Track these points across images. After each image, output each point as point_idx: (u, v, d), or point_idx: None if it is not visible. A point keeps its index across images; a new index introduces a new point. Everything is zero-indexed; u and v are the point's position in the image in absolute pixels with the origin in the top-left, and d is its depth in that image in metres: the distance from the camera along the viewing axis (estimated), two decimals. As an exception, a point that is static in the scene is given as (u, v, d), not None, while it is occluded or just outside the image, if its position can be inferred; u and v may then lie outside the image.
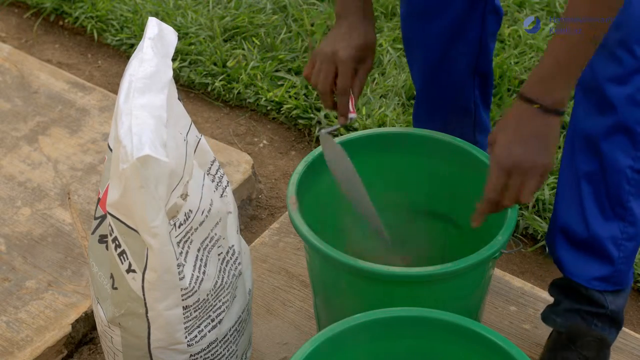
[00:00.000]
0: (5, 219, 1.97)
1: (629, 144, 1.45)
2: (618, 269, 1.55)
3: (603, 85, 1.43)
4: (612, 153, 1.47)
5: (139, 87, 1.31)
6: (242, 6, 2.71)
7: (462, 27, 1.70)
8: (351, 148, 1.60)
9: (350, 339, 1.27)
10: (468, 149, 1.58)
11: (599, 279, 1.56)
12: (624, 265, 1.55)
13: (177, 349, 1.43)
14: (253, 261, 1.86)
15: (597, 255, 1.54)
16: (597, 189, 1.50)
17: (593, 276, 1.56)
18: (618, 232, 1.52)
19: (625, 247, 1.53)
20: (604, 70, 1.43)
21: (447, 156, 1.60)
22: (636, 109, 1.42)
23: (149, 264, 1.33)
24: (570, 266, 1.57)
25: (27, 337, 1.71)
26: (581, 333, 1.59)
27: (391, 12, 2.71)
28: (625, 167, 1.47)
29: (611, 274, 1.55)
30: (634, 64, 1.40)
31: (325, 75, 1.51)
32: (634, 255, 1.56)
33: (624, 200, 1.49)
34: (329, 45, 1.52)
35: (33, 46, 2.73)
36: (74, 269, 1.85)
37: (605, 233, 1.52)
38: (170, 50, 1.38)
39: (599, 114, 1.46)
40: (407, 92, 2.41)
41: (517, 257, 2.04)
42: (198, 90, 2.54)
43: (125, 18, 2.70)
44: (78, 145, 2.18)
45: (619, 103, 1.42)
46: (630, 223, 1.51)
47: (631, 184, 1.48)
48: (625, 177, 1.48)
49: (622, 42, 1.39)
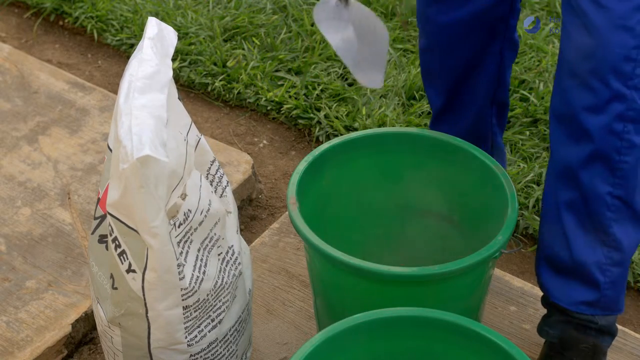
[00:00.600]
0: (5, 219, 1.97)
1: (607, 172, 1.45)
2: (605, 294, 1.53)
3: (578, 114, 1.43)
4: (591, 181, 1.46)
5: (139, 87, 1.31)
6: (242, 6, 2.71)
7: (481, 61, 1.72)
8: (351, 148, 1.60)
9: (350, 339, 1.27)
10: (468, 149, 1.58)
11: (585, 304, 1.55)
12: (611, 290, 1.53)
13: (177, 349, 1.43)
14: (253, 261, 1.86)
15: (583, 280, 1.53)
16: (579, 216, 1.50)
17: (579, 300, 1.55)
18: (602, 258, 1.51)
19: (611, 273, 1.52)
20: (578, 100, 1.42)
21: (447, 156, 1.61)
22: (612, 137, 1.42)
23: (149, 264, 1.33)
24: (556, 292, 1.57)
25: (27, 337, 1.71)
26: (574, 341, 1.59)
27: (391, 12, 2.71)
28: (604, 194, 1.46)
29: (597, 299, 1.54)
30: (609, 93, 1.39)
31: None
32: (622, 281, 1.54)
33: (606, 226, 1.48)
34: None
35: (33, 46, 2.73)
36: (74, 269, 1.85)
37: (589, 259, 1.51)
38: (170, 50, 1.38)
39: (575, 143, 1.45)
40: (407, 92, 2.42)
41: (517, 257, 2.04)
42: (198, 90, 2.54)
43: (125, 18, 2.70)
44: (78, 145, 2.18)
45: (596, 132, 1.42)
46: (614, 248, 1.50)
47: (612, 209, 1.47)
48: (605, 203, 1.47)
49: (594, 71, 1.39)
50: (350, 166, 1.62)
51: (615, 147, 1.43)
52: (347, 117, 2.34)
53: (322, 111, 2.35)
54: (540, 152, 2.22)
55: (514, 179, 2.12)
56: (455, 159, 1.60)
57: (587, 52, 1.38)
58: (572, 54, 1.42)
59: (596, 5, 1.37)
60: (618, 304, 1.56)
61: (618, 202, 1.47)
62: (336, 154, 1.60)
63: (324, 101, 2.38)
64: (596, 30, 1.37)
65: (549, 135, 1.53)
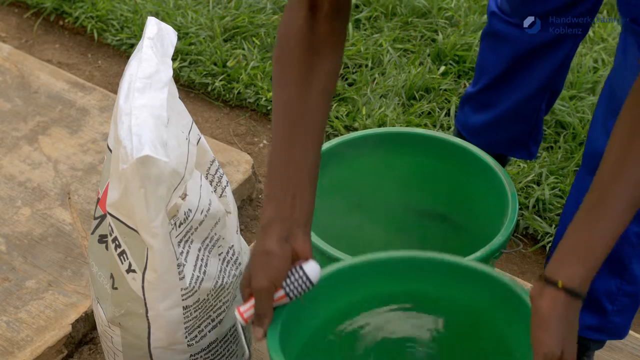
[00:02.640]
0: (6, 219, 1.97)
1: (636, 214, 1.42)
2: (612, 320, 1.52)
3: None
4: None
5: (139, 86, 1.31)
6: (242, 6, 2.71)
7: (552, 49, 1.70)
8: (350, 148, 1.59)
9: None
10: (469, 149, 1.58)
11: (590, 328, 1.54)
12: (618, 317, 1.52)
13: (177, 349, 1.43)
14: (253, 261, 1.86)
15: (590, 305, 1.51)
16: None
17: (584, 324, 1.52)
18: (614, 288, 1.49)
19: (620, 302, 1.50)
20: (600, 143, 1.38)
21: (447, 156, 1.60)
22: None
23: (149, 264, 1.33)
24: None
25: (27, 337, 1.71)
26: None
27: (391, 12, 2.71)
28: (631, 234, 1.43)
29: (603, 324, 1.53)
30: None
31: None
32: (631, 310, 1.52)
33: (626, 262, 1.46)
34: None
35: (33, 46, 2.73)
36: (74, 269, 1.85)
37: (600, 287, 1.49)
38: (169, 49, 1.38)
39: None
40: (407, 92, 2.42)
41: (517, 257, 2.04)
42: (198, 90, 2.54)
43: (126, 18, 2.70)
44: (78, 145, 2.18)
45: None
46: (628, 282, 1.48)
47: (635, 247, 1.45)
48: (629, 242, 1.44)
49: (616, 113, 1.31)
50: (350, 166, 1.62)
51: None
52: (347, 117, 2.34)
53: (322, 111, 2.35)
54: (540, 152, 2.22)
55: (514, 179, 2.12)
56: (455, 159, 1.60)
57: (609, 91, 1.30)
58: (625, 90, 1.25)
59: None
60: (625, 329, 1.55)
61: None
62: (336, 153, 1.60)
63: (324, 101, 2.37)
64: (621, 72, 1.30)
65: (578, 172, 1.48)
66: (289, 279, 1.20)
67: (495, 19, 1.75)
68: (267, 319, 1.18)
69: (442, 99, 2.41)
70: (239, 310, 1.21)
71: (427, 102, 2.39)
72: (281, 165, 1.19)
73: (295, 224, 1.18)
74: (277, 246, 1.16)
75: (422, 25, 2.67)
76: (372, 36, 2.62)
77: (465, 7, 2.70)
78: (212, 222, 1.41)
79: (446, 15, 2.68)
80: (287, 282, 1.20)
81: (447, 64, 2.52)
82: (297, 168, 1.19)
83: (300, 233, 1.18)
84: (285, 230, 1.17)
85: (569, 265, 1.09)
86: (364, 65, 2.53)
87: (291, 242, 1.17)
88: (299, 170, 1.19)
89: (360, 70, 2.50)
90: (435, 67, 2.51)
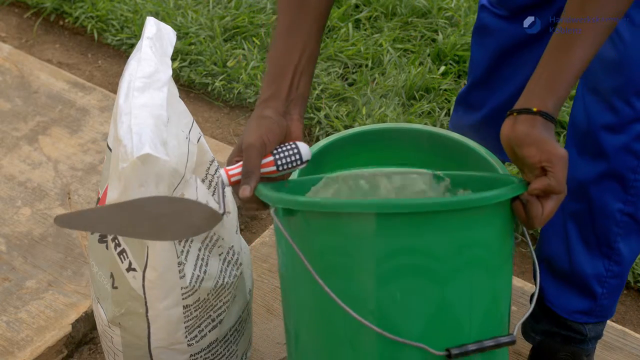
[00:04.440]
0: (6, 219, 1.97)
1: (620, 189, 1.43)
2: (600, 304, 1.53)
3: (597, 132, 1.40)
4: (601, 198, 1.44)
5: (138, 86, 1.31)
6: (242, 6, 2.71)
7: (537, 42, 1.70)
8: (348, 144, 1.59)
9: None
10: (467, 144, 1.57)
11: (580, 312, 1.55)
12: (607, 300, 1.53)
13: (177, 348, 1.43)
14: (253, 261, 1.86)
15: (580, 289, 1.53)
16: (583, 228, 1.48)
17: (574, 309, 1.54)
18: (603, 270, 1.50)
19: (609, 284, 1.51)
20: (598, 117, 1.40)
21: (447, 152, 1.60)
22: (629, 156, 1.40)
23: (150, 262, 1.33)
24: (552, 297, 1.56)
25: (27, 337, 1.71)
26: (554, 350, 1.59)
27: (391, 12, 2.71)
28: (614, 211, 1.45)
29: (593, 308, 1.54)
30: (631, 114, 1.36)
31: None
32: (618, 291, 1.53)
33: (612, 241, 1.47)
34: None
35: (33, 46, 2.73)
36: (74, 269, 1.85)
37: (589, 270, 1.50)
38: (169, 49, 1.38)
39: (589, 159, 1.43)
40: (407, 92, 2.41)
41: (517, 257, 2.04)
42: (198, 90, 2.54)
43: (126, 18, 2.70)
44: (78, 145, 2.18)
45: (613, 151, 1.40)
46: (615, 262, 1.49)
47: (620, 225, 1.46)
48: (614, 219, 1.45)
49: (618, 90, 1.36)
50: (350, 162, 1.62)
51: (631, 166, 1.40)
52: (347, 117, 2.34)
53: (322, 111, 2.35)
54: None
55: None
56: (453, 154, 1.59)
57: (613, 69, 1.33)
58: (597, 68, 1.38)
59: (629, 23, 1.33)
60: (612, 310, 1.56)
61: (627, 218, 1.45)
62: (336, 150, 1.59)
63: (324, 101, 2.38)
64: (625, 48, 1.33)
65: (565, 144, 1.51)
66: (281, 149, 1.19)
67: (484, 12, 1.75)
68: (254, 176, 1.17)
69: (442, 98, 2.41)
70: (225, 169, 1.18)
71: (427, 102, 2.39)
72: (282, 49, 1.24)
73: (292, 102, 1.22)
74: (274, 115, 1.20)
75: (422, 25, 2.67)
76: (372, 36, 2.62)
77: (465, 7, 2.70)
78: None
79: (446, 15, 2.68)
80: (277, 151, 1.19)
81: (447, 64, 2.52)
82: (298, 52, 1.23)
83: (296, 113, 1.22)
84: (282, 106, 1.21)
85: (541, 96, 1.16)
86: (364, 65, 2.53)
87: (287, 120, 1.21)
88: (300, 53, 1.23)
89: (360, 70, 2.50)
90: (435, 67, 2.51)
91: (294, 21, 1.25)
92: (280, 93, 1.22)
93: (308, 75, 1.24)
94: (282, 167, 1.19)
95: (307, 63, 1.24)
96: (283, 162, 1.19)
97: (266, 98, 1.22)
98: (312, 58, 1.25)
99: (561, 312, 1.55)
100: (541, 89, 1.17)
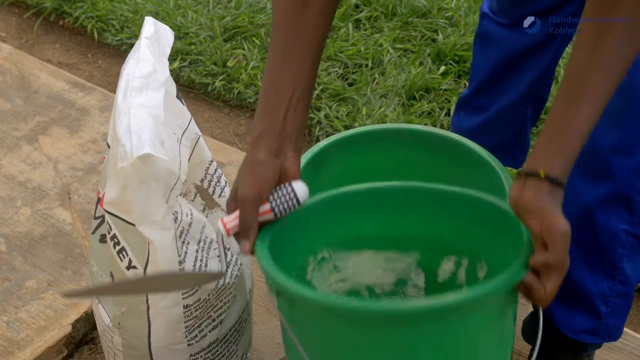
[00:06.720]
0: (6, 219, 1.97)
1: (626, 212, 1.40)
2: (605, 323, 1.52)
3: (604, 153, 1.37)
4: (606, 220, 1.42)
5: (137, 86, 1.31)
6: (243, 6, 2.71)
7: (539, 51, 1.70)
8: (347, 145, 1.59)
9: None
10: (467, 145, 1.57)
11: (586, 332, 1.53)
12: (612, 319, 1.51)
13: (177, 348, 1.43)
14: (253, 261, 1.86)
15: (584, 308, 1.51)
16: (587, 250, 1.46)
17: (580, 329, 1.53)
18: (607, 290, 1.48)
19: (613, 303, 1.49)
20: (607, 139, 1.36)
21: (444, 152, 1.60)
22: (636, 179, 1.37)
23: (151, 258, 1.33)
24: (558, 316, 1.54)
25: (27, 336, 1.71)
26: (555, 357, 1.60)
27: (391, 12, 2.71)
28: (620, 232, 1.42)
29: (598, 327, 1.52)
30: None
31: None
32: (624, 310, 1.52)
33: (617, 262, 1.45)
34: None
35: (33, 46, 2.73)
36: (74, 269, 1.85)
37: (593, 289, 1.48)
38: (166, 49, 1.38)
39: (594, 180, 1.41)
40: (407, 92, 2.41)
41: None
42: (198, 90, 2.54)
43: (126, 18, 2.70)
44: (78, 145, 2.18)
45: (620, 173, 1.37)
46: (620, 282, 1.47)
47: (625, 246, 1.44)
48: (619, 241, 1.43)
49: (628, 110, 1.33)
50: (350, 162, 1.62)
51: (637, 188, 1.38)
52: (347, 117, 2.34)
53: (322, 111, 2.35)
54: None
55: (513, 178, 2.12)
56: (453, 155, 1.59)
57: (622, 88, 1.27)
58: None
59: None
60: (619, 330, 1.54)
61: (632, 239, 1.43)
62: (336, 150, 1.59)
63: (324, 101, 2.38)
64: (636, 68, 1.29)
65: None
66: (277, 193, 1.16)
67: (485, 19, 1.75)
68: (252, 230, 1.13)
69: (442, 99, 2.41)
70: (222, 220, 1.16)
71: (427, 102, 2.39)
72: (275, 80, 1.16)
73: (286, 139, 1.15)
74: (266, 158, 1.14)
75: (422, 25, 2.67)
76: (372, 36, 2.62)
77: (465, 7, 2.70)
78: (199, 226, 1.40)
79: (446, 15, 2.68)
80: (274, 197, 1.16)
81: (447, 64, 2.52)
82: (291, 83, 1.16)
83: (290, 150, 1.16)
84: (275, 143, 1.15)
85: (549, 157, 1.09)
86: (364, 65, 2.53)
87: (281, 159, 1.15)
88: (293, 85, 1.15)
89: (360, 70, 2.51)
90: (436, 67, 2.51)
91: (289, 48, 1.17)
92: (273, 129, 1.15)
93: (303, 107, 1.17)
94: (280, 214, 1.17)
95: (302, 95, 1.16)
96: (280, 208, 1.16)
97: (259, 134, 1.15)
98: (307, 89, 1.17)
99: (568, 332, 1.54)
100: (548, 149, 1.10)
